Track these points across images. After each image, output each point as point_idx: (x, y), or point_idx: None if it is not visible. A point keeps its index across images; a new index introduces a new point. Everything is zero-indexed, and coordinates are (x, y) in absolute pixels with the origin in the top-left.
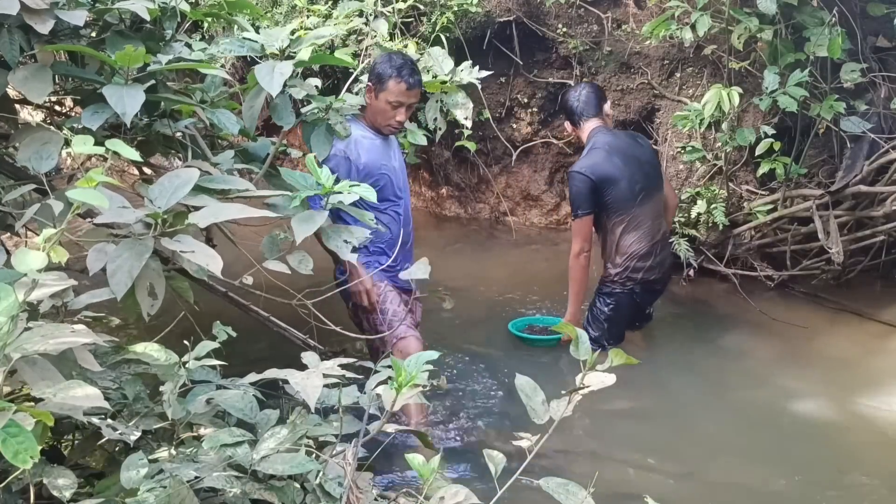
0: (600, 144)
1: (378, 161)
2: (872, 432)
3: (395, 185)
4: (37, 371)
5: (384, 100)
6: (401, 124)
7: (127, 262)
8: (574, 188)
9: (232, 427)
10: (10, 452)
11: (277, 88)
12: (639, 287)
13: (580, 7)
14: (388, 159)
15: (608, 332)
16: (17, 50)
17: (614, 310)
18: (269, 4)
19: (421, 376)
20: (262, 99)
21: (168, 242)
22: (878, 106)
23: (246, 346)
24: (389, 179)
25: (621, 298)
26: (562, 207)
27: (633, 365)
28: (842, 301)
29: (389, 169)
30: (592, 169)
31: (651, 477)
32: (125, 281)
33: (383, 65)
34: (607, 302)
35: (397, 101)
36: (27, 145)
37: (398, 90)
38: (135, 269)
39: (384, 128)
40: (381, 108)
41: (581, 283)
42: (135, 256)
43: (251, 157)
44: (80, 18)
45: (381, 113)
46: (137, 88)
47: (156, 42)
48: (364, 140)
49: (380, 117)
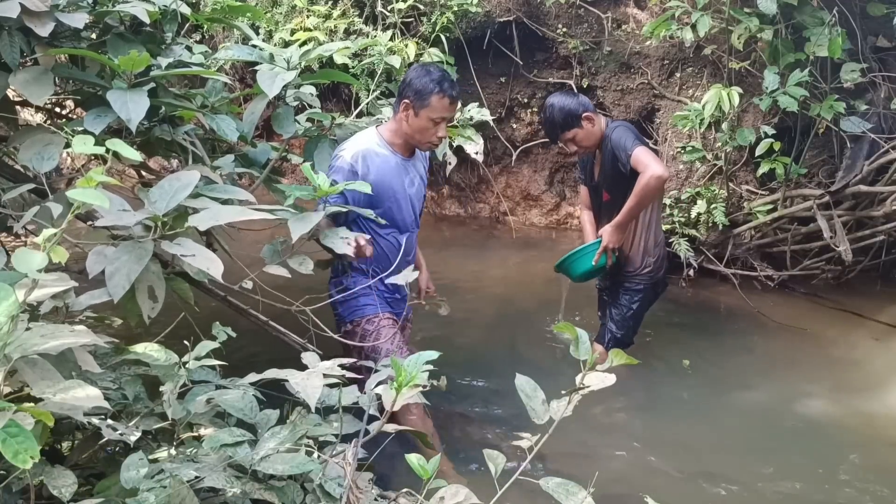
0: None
1: (389, 183)
2: (872, 432)
3: (403, 214)
4: (37, 371)
5: (426, 117)
6: (441, 140)
7: (126, 265)
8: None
9: (232, 427)
10: (10, 452)
11: (276, 91)
12: (660, 275)
13: (580, 7)
14: (401, 184)
15: (634, 329)
16: (17, 52)
17: (640, 305)
18: (269, 4)
19: (421, 376)
20: (264, 105)
21: (168, 246)
22: (877, 106)
23: (246, 347)
24: (398, 207)
25: (647, 292)
26: (561, 207)
27: (633, 365)
28: (842, 301)
29: (402, 195)
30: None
31: (651, 477)
32: (123, 284)
33: (422, 79)
34: (634, 299)
35: (440, 117)
36: (28, 146)
37: (441, 106)
38: (133, 272)
39: (423, 145)
40: (422, 126)
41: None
42: (134, 259)
43: (251, 163)
44: (80, 21)
45: (420, 131)
46: (141, 94)
47: (156, 45)
48: (376, 156)
49: (419, 135)
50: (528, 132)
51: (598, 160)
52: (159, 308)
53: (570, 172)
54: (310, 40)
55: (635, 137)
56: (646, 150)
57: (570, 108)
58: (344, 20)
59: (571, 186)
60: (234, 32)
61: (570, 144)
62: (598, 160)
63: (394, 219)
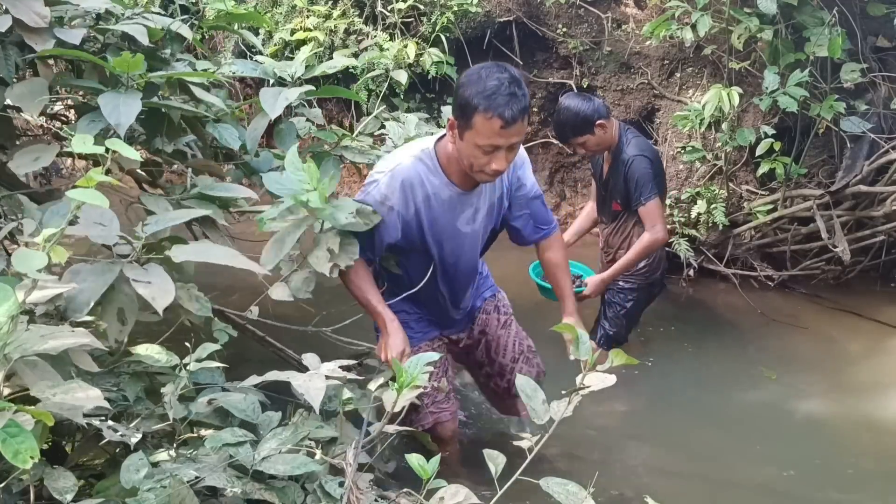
0: (637, 133)
1: (435, 223)
2: (872, 432)
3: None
4: (36, 372)
5: (471, 142)
6: (498, 173)
7: (90, 287)
8: (640, 171)
9: (234, 427)
10: (10, 453)
11: (278, 112)
12: (657, 276)
13: (580, 7)
14: (451, 223)
15: (627, 328)
16: (12, 66)
17: (634, 304)
18: (269, 4)
19: (421, 378)
20: (267, 121)
21: (129, 269)
22: (878, 106)
23: (246, 347)
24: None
25: (641, 293)
26: (562, 207)
27: (633, 365)
28: (841, 301)
29: (451, 236)
30: (650, 151)
31: (651, 477)
32: (83, 305)
33: (469, 87)
34: (628, 298)
35: (490, 146)
36: (20, 156)
37: (489, 129)
38: (95, 293)
39: (475, 174)
40: (468, 153)
41: (636, 263)
42: (100, 282)
43: (252, 171)
44: (78, 37)
45: (469, 157)
46: (134, 97)
47: (158, 61)
48: (423, 186)
49: (467, 162)
50: (529, 132)
51: (607, 160)
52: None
53: (570, 172)
54: (310, 40)
55: (653, 180)
56: (658, 204)
57: (586, 114)
58: (344, 20)
59: (571, 186)
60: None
61: (579, 148)
62: (607, 160)
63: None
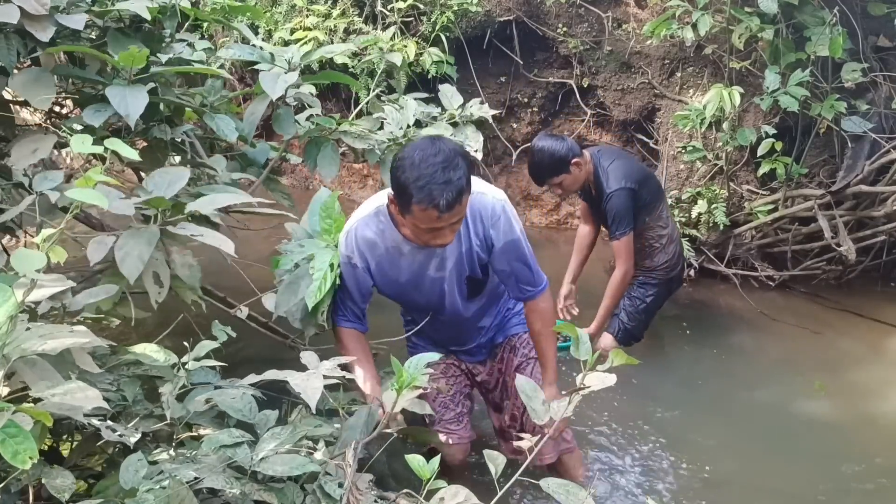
0: (610, 155)
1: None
2: (873, 431)
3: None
4: (36, 372)
5: (412, 223)
6: (445, 245)
7: (136, 248)
8: (617, 206)
9: (231, 428)
10: (9, 453)
11: (279, 93)
12: (676, 272)
13: (580, 6)
14: (419, 271)
15: (644, 324)
16: (14, 56)
17: (654, 300)
18: (268, 3)
19: (421, 379)
20: (265, 106)
21: (175, 229)
22: (879, 105)
23: (245, 347)
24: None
25: (661, 288)
26: (562, 207)
27: (634, 365)
28: (842, 301)
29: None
30: (629, 177)
31: (652, 477)
32: (136, 265)
33: (404, 173)
34: (648, 293)
35: (430, 228)
36: (18, 149)
37: (427, 218)
38: (145, 252)
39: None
40: (412, 230)
41: (617, 301)
42: (143, 242)
43: (249, 162)
44: (80, 22)
45: (413, 233)
46: (140, 90)
47: (156, 42)
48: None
49: (413, 236)
50: (529, 132)
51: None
52: (165, 293)
53: None
54: (310, 40)
55: (629, 215)
56: (628, 242)
57: (561, 154)
58: (344, 19)
59: None
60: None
61: (556, 188)
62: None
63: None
